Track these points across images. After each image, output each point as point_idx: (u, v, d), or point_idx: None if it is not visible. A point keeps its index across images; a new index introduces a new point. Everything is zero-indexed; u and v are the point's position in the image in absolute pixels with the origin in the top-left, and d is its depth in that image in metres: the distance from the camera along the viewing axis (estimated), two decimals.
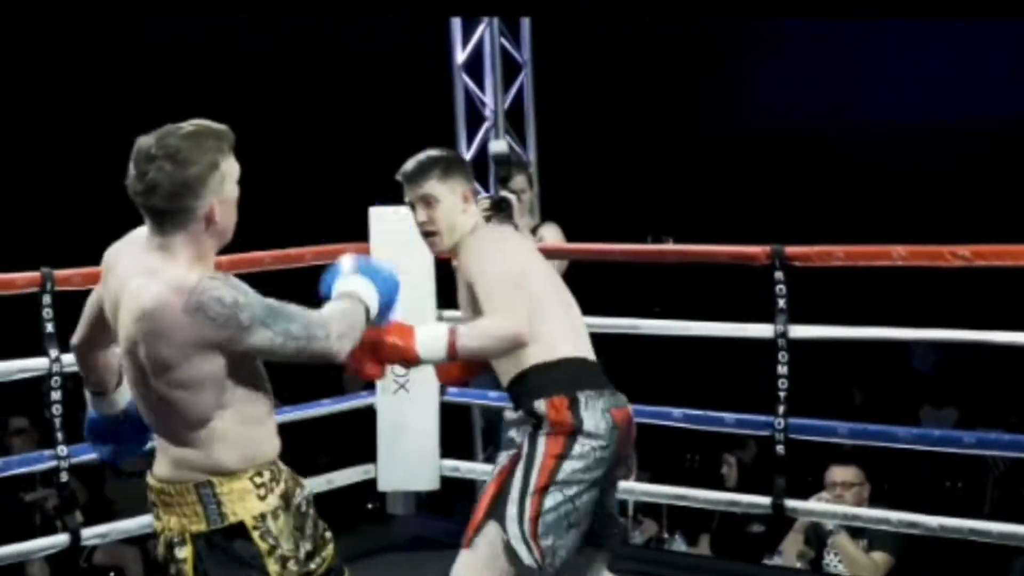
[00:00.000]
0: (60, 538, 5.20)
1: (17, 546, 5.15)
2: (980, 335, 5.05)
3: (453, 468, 6.10)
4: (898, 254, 5.04)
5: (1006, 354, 5.12)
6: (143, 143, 2.98)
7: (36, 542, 5.27)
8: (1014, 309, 7.12)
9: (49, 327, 4.96)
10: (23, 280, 5.02)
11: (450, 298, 4.06)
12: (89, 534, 5.25)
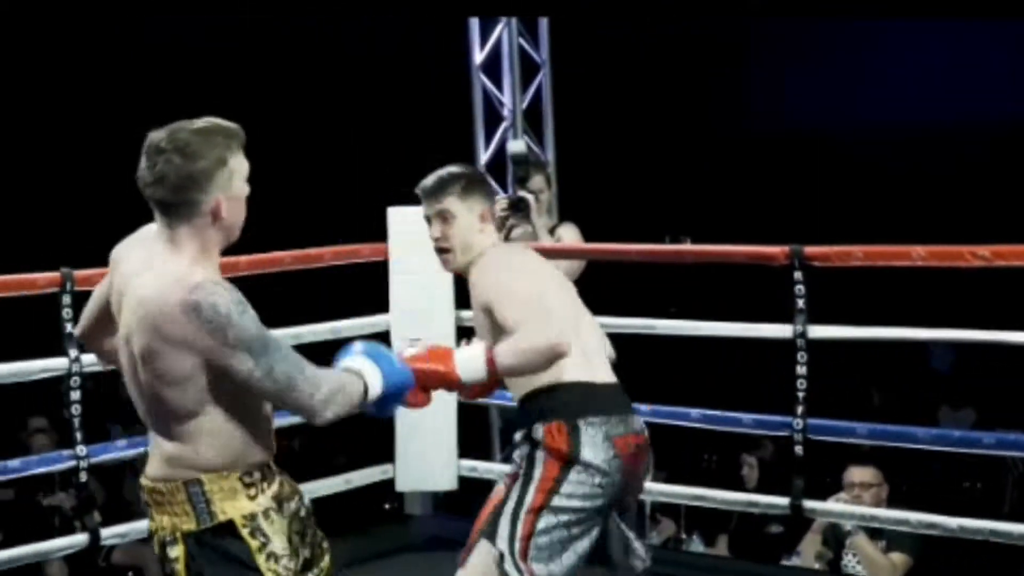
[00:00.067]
0: (79, 538, 5.21)
1: (36, 546, 5.16)
2: (998, 335, 5.05)
3: (471, 468, 6.10)
4: (917, 254, 5.02)
5: None
6: (154, 136, 3.00)
7: (55, 542, 5.28)
8: None
9: (69, 327, 4.95)
10: (43, 280, 5.03)
11: (467, 299, 4.02)
12: (108, 534, 5.24)
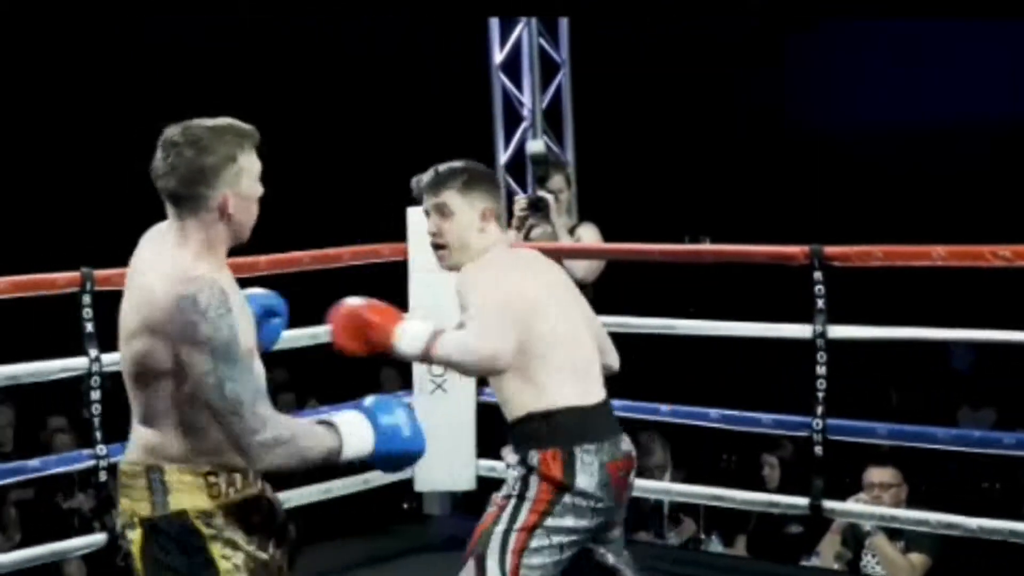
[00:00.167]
0: (97, 537, 5.23)
1: (54, 545, 5.19)
2: (1018, 336, 5.03)
3: (490, 468, 6.09)
4: (937, 254, 5.01)
5: None
6: (169, 131, 3.05)
7: (73, 541, 5.30)
8: None
9: (89, 327, 4.98)
10: (63, 280, 5.05)
11: None
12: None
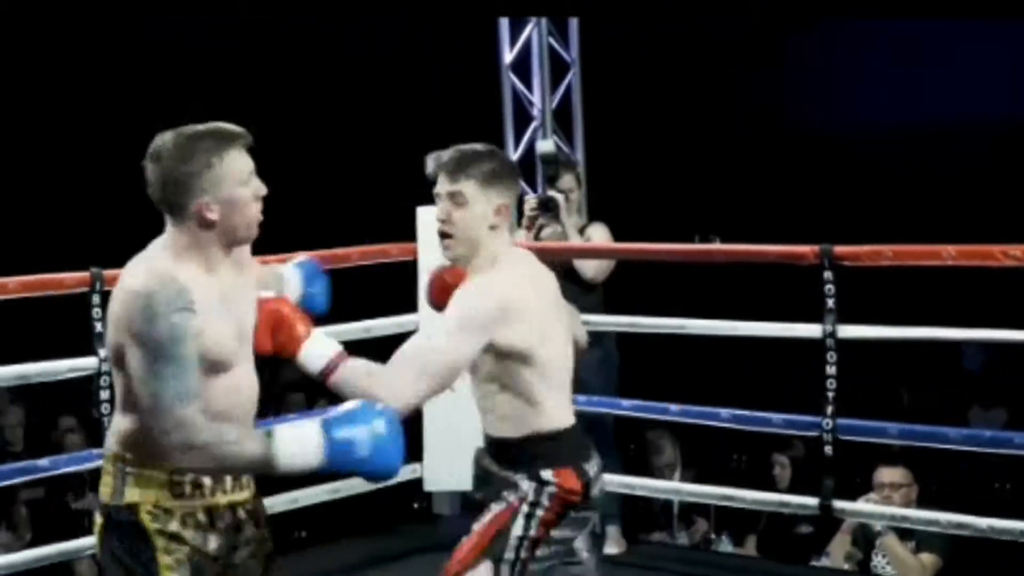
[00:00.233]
0: None
1: (65, 544, 5.18)
2: None
3: None
4: (948, 254, 5.00)
5: None
6: (155, 140, 3.06)
7: (83, 541, 5.26)
8: None
9: (98, 327, 4.98)
10: (72, 280, 5.05)
11: None
12: None
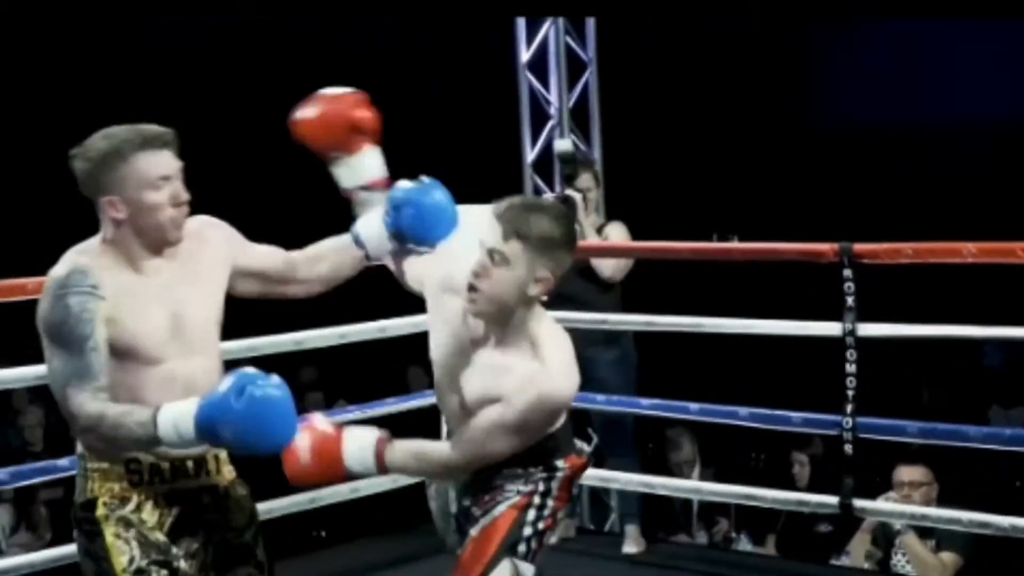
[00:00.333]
0: None
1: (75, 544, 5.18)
2: None
3: None
4: (968, 251, 4.98)
5: None
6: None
7: None
8: None
9: None
10: None
11: None
12: None
